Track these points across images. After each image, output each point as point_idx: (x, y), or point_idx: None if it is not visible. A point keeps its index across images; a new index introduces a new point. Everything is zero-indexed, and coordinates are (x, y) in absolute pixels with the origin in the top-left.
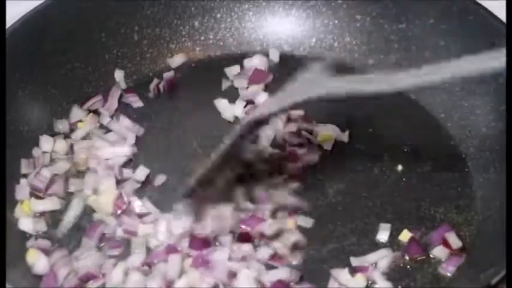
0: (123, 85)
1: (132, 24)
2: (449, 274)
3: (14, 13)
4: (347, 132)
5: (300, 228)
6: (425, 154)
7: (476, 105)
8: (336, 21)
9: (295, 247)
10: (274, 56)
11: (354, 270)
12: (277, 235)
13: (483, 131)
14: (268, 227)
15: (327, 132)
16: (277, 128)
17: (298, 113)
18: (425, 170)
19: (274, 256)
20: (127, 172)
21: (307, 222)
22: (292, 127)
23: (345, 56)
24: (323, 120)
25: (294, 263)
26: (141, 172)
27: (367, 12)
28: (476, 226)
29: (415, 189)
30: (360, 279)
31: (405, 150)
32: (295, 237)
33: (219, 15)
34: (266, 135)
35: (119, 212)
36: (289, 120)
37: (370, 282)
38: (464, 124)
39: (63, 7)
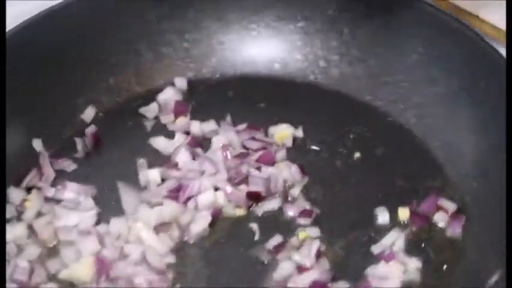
0: (45, 152)
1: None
2: (459, 236)
3: (14, 13)
4: (300, 128)
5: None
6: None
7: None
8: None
9: (318, 254)
10: (182, 84)
11: (385, 261)
12: (296, 246)
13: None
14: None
15: (283, 131)
16: (230, 138)
17: (242, 127)
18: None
19: (300, 268)
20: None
21: (314, 232)
22: (245, 136)
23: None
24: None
25: (322, 269)
26: (116, 224)
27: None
28: (476, 226)
29: (393, 168)
30: (394, 266)
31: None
32: (316, 244)
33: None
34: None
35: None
36: (237, 132)
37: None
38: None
39: None
